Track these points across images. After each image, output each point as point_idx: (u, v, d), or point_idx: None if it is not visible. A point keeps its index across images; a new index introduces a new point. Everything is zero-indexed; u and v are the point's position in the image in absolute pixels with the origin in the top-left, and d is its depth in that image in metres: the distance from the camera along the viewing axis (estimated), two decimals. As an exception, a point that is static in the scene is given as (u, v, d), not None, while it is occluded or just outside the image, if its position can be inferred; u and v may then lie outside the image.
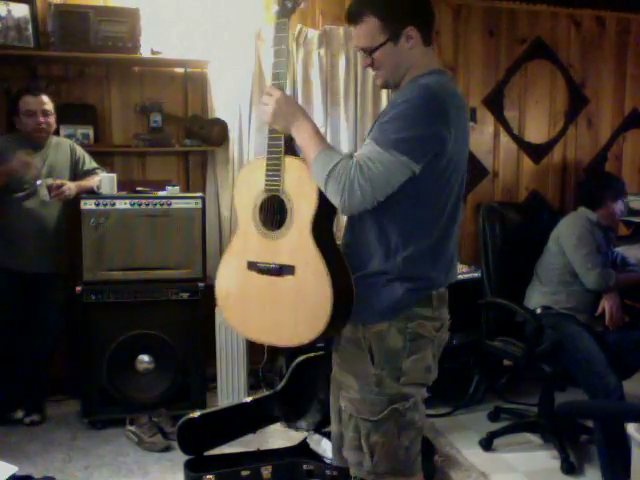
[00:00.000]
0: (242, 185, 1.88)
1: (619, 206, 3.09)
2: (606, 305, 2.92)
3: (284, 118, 1.69)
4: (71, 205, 3.15)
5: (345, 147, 3.78)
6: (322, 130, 3.73)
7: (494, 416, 3.31)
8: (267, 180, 1.75)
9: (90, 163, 3.30)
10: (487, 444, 2.99)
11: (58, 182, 3.02)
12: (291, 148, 1.75)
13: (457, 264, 1.78)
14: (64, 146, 3.24)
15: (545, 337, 2.87)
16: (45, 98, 3.10)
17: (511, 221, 3.37)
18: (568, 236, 3.01)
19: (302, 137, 1.66)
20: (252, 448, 2.68)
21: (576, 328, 2.86)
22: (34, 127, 3.07)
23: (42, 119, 3.07)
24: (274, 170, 1.74)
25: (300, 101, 3.69)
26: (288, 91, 3.63)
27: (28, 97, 3.07)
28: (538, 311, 2.98)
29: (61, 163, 3.20)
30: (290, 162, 1.73)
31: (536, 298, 3.06)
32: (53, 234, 3.16)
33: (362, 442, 1.66)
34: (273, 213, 1.78)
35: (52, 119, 3.13)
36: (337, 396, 1.78)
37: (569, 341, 2.82)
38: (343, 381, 1.72)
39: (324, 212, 1.71)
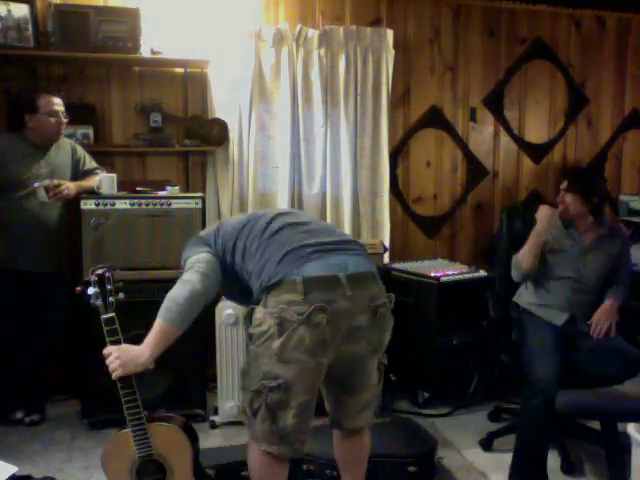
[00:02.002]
0: (112, 457, 2.08)
1: (565, 196, 2.98)
2: (597, 311, 2.90)
3: (132, 363, 2.00)
4: (72, 205, 3.15)
5: (345, 147, 3.79)
6: (322, 130, 3.74)
7: (494, 416, 3.31)
8: (139, 447, 2.03)
9: (90, 163, 3.31)
10: (487, 444, 2.99)
11: (55, 182, 3.02)
12: None
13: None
14: (65, 146, 3.24)
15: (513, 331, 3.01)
16: (61, 100, 3.13)
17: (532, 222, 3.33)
18: None
19: (153, 349, 2.02)
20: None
21: (534, 323, 2.91)
22: (57, 127, 3.08)
23: (64, 120, 3.10)
24: (143, 437, 2.03)
25: (300, 101, 3.70)
26: (288, 90, 3.65)
27: (50, 97, 3.07)
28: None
29: (62, 163, 3.20)
30: (155, 427, 2.06)
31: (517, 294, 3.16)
32: (54, 234, 3.16)
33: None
34: (149, 474, 2.07)
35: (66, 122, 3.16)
36: None
37: (524, 334, 2.90)
38: None
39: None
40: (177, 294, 1.98)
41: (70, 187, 3.06)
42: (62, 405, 3.43)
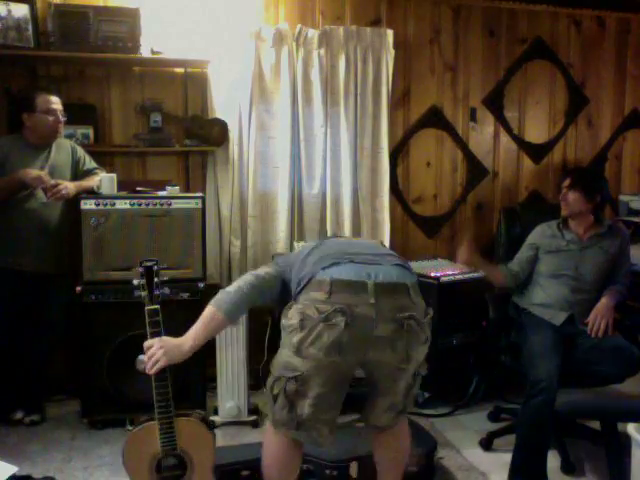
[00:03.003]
0: (134, 449, 2.09)
1: (564, 194, 3.02)
2: (593, 310, 2.89)
3: (175, 351, 2.00)
4: (72, 205, 3.15)
5: (345, 147, 3.79)
6: (322, 130, 3.74)
7: (494, 416, 3.30)
8: (163, 441, 2.05)
9: (90, 163, 3.31)
10: (487, 444, 2.99)
11: (53, 182, 3.02)
12: None
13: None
14: (65, 146, 3.24)
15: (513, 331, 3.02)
16: (59, 99, 3.14)
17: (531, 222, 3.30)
18: None
19: (196, 336, 2.01)
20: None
21: (533, 322, 2.92)
22: (54, 126, 3.09)
23: (62, 118, 3.11)
24: (169, 431, 2.05)
25: (300, 101, 3.70)
26: (288, 90, 3.65)
27: (47, 96, 3.08)
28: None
29: (62, 163, 3.20)
30: (179, 422, 2.07)
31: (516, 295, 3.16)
32: (55, 234, 3.16)
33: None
34: (170, 469, 2.09)
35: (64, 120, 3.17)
36: None
37: (524, 334, 2.89)
38: None
39: None
40: (231, 286, 2.07)
41: (69, 187, 3.06)
42: (62, 405, 3.43)
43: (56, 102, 3.10)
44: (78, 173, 3.26)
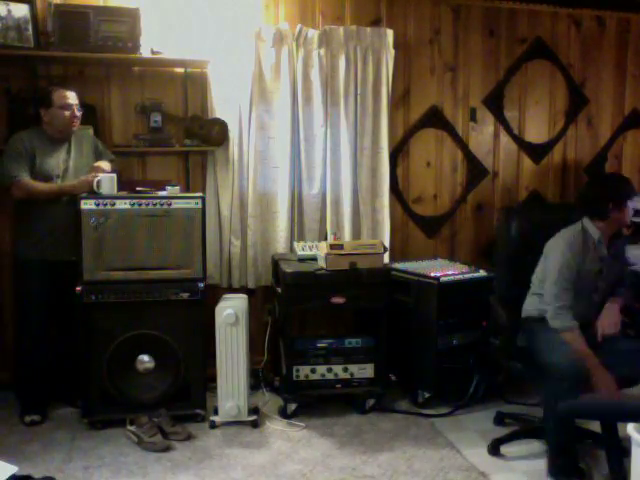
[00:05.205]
0: None
1: (629, 211, 2.82)
2: (602, 315, 2.81)
3: None
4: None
5: (345, 147, 3.79)
6: (322, 130, 3.74)
7: (499, 421, 3.25)
8: None
9: (108, 155, 3.37)
10: (494, 451, 2.93)
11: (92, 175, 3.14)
12: None
13: None
14: (87, 138, 3.32)
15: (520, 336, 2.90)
16: (75, 94, 3.18)
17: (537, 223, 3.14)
18: (555, 257, 2.79)
19: None
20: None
21: (551, 334, 2.75)
22: (70, 120, 3.14)
23: (77, 113, 3.17)
24: None
25: (300, 101, 3.70)
26: (288, 90, 3.64)
27: (64, 91, 3.14)
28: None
29: (85, 155, 3.27)
30: None
31: (526, 304, 2.97)
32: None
33: None
34: None
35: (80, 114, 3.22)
36: None
37: (534, 334, 2.80)
38: None
39: None
40: None
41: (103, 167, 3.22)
42: (62, 405, 3.43)
43: (72, 97, 3.16)
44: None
